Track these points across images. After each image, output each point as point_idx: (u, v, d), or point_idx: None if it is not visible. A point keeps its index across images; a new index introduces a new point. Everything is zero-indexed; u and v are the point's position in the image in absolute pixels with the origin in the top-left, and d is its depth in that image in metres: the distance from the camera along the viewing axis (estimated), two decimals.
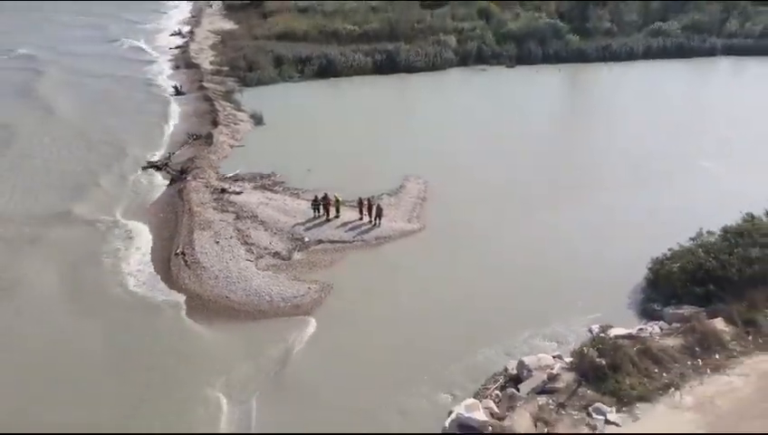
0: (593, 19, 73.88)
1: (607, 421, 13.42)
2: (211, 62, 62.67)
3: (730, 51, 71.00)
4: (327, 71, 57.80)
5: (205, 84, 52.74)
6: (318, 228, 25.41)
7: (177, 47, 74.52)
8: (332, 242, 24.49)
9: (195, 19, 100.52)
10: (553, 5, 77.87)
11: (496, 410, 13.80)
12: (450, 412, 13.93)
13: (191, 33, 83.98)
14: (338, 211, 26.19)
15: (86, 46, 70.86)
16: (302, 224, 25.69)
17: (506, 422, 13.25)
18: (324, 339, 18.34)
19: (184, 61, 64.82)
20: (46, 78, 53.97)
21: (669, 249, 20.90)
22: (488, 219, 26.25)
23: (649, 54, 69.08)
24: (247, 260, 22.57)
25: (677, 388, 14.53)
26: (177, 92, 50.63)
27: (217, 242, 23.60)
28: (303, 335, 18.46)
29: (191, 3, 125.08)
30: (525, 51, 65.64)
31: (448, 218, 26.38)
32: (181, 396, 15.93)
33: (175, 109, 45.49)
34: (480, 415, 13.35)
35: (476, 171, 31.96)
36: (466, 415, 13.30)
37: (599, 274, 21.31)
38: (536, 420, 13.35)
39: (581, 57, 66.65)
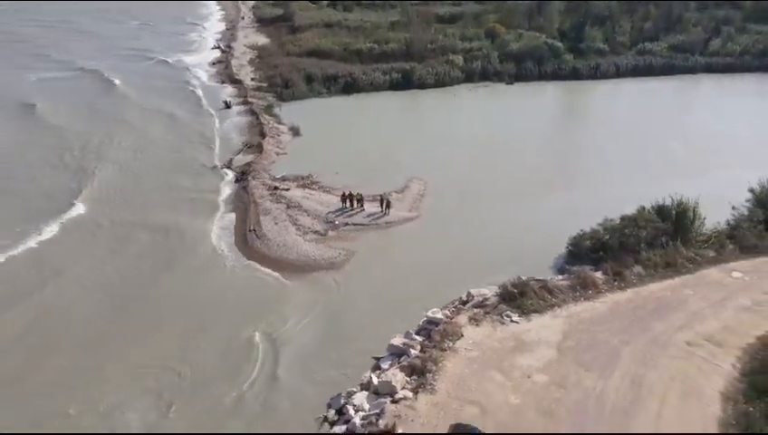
0: (588, 39, 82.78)
1: (511, 320, 23.39)
2: (252, 79, 72.64)
3: (711, 69, 78.99)
4: (351, 87, 67.13)
5: (249, 99, 63.13)
6: (345, 215, 35.67)
7: (218, 61, 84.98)
8: (355, 225, 34.77)
9: (230, 33, 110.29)
10: (555, 25, 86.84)
11: (449, 314, 23.87)
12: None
13: (229, 47, 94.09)
14: (360, 203, 36.34)
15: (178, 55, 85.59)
16: (334, 212, 35.98)
17: (454, 320, 23.32)
18: (352, 282, 28.76)
19: (228, 76, 75.01)
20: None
21: (581, 230, 30.73)
22: (469, 210, 36.28)
23: (636, 72, 77.43)
24: (297, 235, 33.01)
25: (559, 307, 24.43)
26: (227, 106, 60.88)
27: (276, 223, 34.06)
28: (339, 279, 29.01)
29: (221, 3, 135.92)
30: (524, 69, 74.97)
31: (440, 209, 36.53)
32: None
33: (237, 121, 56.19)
34: (440, 316, 23.46)
35: (466, 173, 41.98)
36: (432, 315, 23.44)
37: (537, 246, 31.18)
38: (470, 319, 23.40)
39: (574, 75, 75.24)
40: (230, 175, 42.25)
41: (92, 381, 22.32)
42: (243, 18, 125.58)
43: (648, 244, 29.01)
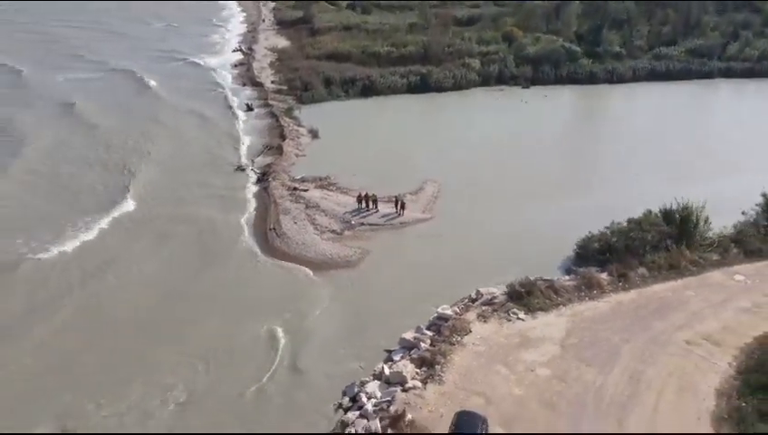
0: (605, 43, 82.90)
1: (518, 318, 24.63)
2: (272, 81, 74.01)
3: (729, 74, 78.46)
4: (369, 90, 68.23)
5: (270, 102, 64.71)
6: (360, 216, 37.12)
7: (240, 64, 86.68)
8: (370, 225, 36.22)
9: (251, 35, 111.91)
10: (573, 28, 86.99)
11: (459, 311, 25.18)
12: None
13: (250, 49, 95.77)
14: (375, 204, 37.71)
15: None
16: (350, 212, 37.45)
17: (463, 316, 24.60)
18: (365, 278, 30.27)
19: (249, 79, 76.48)
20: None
21: (590, 232, 31.78)
22: (481, 211, 37.49)
23: (653, 77, 77.26)
24: (315, 234, 34.59)
25: (564, 306, 25.58)
26: (249, 109, 62.55)
27: (295, 223, 35.66)
28: (354, 275, 30.55)
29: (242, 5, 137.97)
30: (540, 73, 75.50)
31: (453, 210, 37.80)
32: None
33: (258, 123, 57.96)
34: (449, 312, 24.79)
35: (480, 175, 43.18)
36: (442, 311, 24.77)
37: (546, 247, 32.24)
38: (479, 316, 24.67)
39: (591, 79, 75.34)
40: (254, 175, 44.00)
41: (119, 377, 23.51)
42: (263, 20, 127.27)
43: (652, 247, 29.99)
